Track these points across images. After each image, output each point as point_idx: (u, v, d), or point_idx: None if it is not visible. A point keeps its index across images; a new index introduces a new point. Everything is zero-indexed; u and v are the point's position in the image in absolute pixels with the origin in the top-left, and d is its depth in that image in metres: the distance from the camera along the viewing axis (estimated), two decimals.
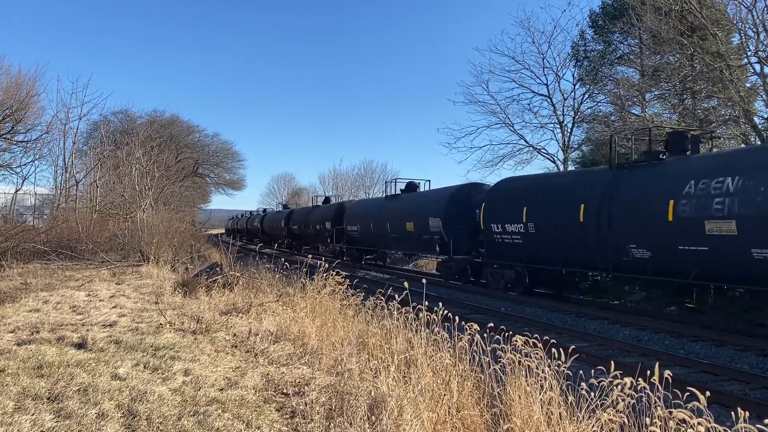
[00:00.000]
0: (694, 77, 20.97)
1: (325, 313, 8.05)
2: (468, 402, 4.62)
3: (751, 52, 19.22)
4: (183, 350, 6.74)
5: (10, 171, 27.12)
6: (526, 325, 11.44)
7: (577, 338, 10.73)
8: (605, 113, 27.91)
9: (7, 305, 9.46)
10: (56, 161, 28.22)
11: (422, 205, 22.09)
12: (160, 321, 8.27)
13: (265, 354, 6.78)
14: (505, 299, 15.99)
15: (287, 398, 5.25)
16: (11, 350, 6.56)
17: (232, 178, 61.61)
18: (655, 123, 22.06)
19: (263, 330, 7.87)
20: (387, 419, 4.14)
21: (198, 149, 54.34)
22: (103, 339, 7.13)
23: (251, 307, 9.36)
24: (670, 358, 8.97)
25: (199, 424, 4.52)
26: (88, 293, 10.94)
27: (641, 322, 12.17)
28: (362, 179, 61.60)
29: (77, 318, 8.64)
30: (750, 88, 20.89)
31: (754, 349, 9.79)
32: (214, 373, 5.95)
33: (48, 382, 5.36)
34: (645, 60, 26.17)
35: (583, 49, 30.40)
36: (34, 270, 14.74)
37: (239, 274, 12.22)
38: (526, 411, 4.15)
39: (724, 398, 6.64)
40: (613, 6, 28.79)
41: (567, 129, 29.81)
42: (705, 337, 10.72)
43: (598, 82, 28.27)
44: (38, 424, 4.34)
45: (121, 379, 5.54)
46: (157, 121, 45.61)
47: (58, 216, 23.04)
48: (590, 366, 5.32)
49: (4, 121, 25.02)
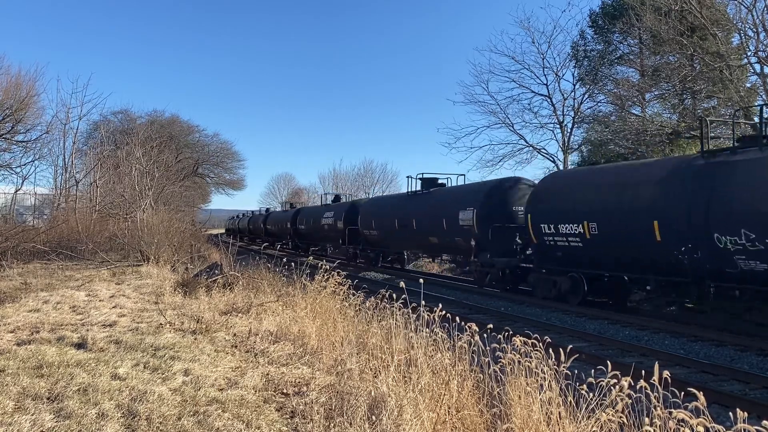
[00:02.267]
0: (694, 77, 20.98)
1: (326, 313, 8.05)
2: (468, 402, 4.62)
3: (751, 52, 19.25)
4: (183, 350, 6.74)
5: (10, 171, 27.14)
6: (525, 325, 11.44)
7: (577, 338, 10.73)
8: (605, 113, 27.91)
9: (7, 305, 9.46)
10: (56, 161, 28.30)
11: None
12: (160, 321, 8.28)
13: (265, 354, 6.78)
14: (510, 300, 15.95)
15: (287, 398, 5.25)
16: (11, 350, 6.57)
17: (232, 178, 61.70)
18: (655, 123, 22.10)
19: (263, 330, 7.87)
20: (387, 419, 4.14)
21: (198, 149, 54.37)
22: (103, 339, 7.14)
23: (251, 307, 9.37)
24: (670, 358, 8.97)
25: (199, 424, 4.52)
26: (88, 293, 10.94)
27: (641, 322, 12.17)
28: (362, 179, 61.65)
29: (77, 318, 8.64)
30: (750, 89, 20.90)
31: (754, 349, 9.78)
32: (214, 373, 5.95)
33: (48, 382, 5.36)
34: (645, 60, 26.17)
35: (583, 49, 30.39)
36: (34, 270, 14.74)
37: (239, 274, 12.23)
38: (526, 411, 4.15)
39: (723, 398, 6.65)
40: (613, 6, 28.77)
41: (567, 129, 29.82)
42: (705, 337, 10.71)
43: (598, 82, 28.26)
44: (38, 424, 4.34)
45: (121, 379, 5.55)
46: (156, 121, 45.66)
47: (58, 216, 23.06)
48: (590, 366, 5.32)
49: (4, 121, 25.01)
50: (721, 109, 21.35)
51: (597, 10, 30.25)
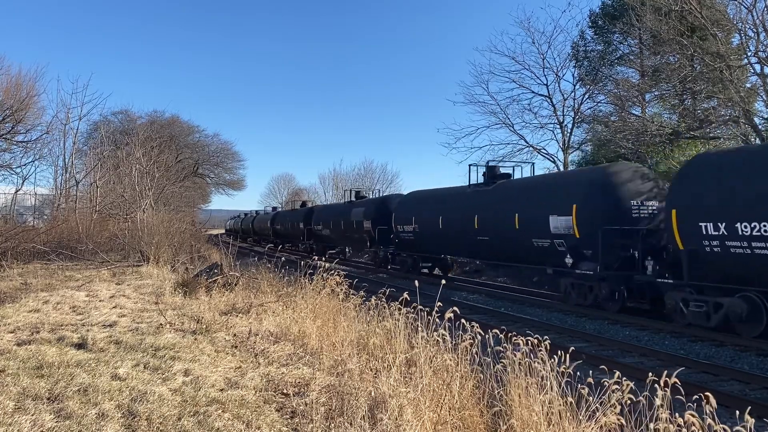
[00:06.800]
0: (694, 77, 20.96)
1: (326, 313, 8.05)
2: (468, 402, 4.62)
3: (751, 53, 19.21)
4: (183, 350, 6.74)
5: (10, 171, 27.19)
6: (525, 325, 11.44)
7: (578, 338, 10.73)
8: (605, 113, 27.90)
9: (7, 305, 9.46)
10: (56, 161, 28.30)
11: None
12: (160, 321, 8.27)
13: (265, 354, 6.78)
14: (506, 299, 15.84)
15: (287, 398, 5.24)
16: (11, 350, 6.56)
17: (232, 178, 61.68)
18: (655, 123, 22.08)
19: (263, 330, 7.87)
20: (387, 419, 4.13)
21: (198, 149, 54.35)
22: (103, 339, 7.13)
23: (251, 307, 9.37)
24: (669, 358, 8.97)
25: (199, 425, 4.52)
26: (88, 293, 10.93)
27: (641, 322, 12.16)
28: (362, 179, 61.56)
29: (77, 318, 8.64)
30: (750, 89, 20.88)
31: (754, 349, 9.78)
32: (214, 373, 5.95)
33: (48, 383, 5.36)
34: (645, 60, 26.17)
35: (583, 49, 30.39)
36: (34, 270, 14.74)
37: (239, 274, 12.22)
38: (527, 411, 4.15)
39: (723, 398, 6.64)
40: (613, 6, 28.78)
41: (567, 129, 29.80)
42: (705, 338, 10.71)
43: (598, 83, 28.25)
44: (38, 424, 4.34)
45: (121, 380, 5.54)
46: (157, 121, 45.66)
47: (58, 216, 23.07)
48: (590, 366, 5.32)
49: (4, 121, 25.03)
50: (721, 110, 21.34)
51: (597, 11, 30.28)
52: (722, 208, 10.43)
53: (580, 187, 14.27)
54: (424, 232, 20.90)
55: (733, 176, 10.55)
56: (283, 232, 42.02)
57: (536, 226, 14.93)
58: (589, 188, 13.93)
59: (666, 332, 11.31)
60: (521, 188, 17.08)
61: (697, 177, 11.33)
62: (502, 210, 16.43)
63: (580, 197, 13.80)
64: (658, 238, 12.96)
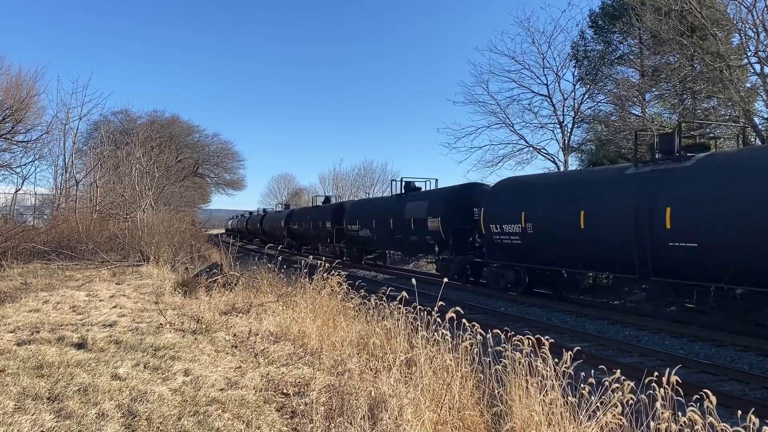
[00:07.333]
0: (694, 77, 20.96)
1: (326, 313, 8.04)
2: (469, 402, 4.61)
3: (751, 53, 19.21)
4: (183, 350, 6.74)
5: (10, 171, 27.17)
6: (526, 325, 11.43)
7: (578, 338, 10.72)
8: (605, 113, 27.89)
9: (7, 305, 9.46)
10: (56, 161, 28.30)
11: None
12: (160, 321, 8.27)
13: (265, 354, 6.78)
14: (506, 299, 15.91)
15: (287, 398, 5.24)
16: (11, 350, 6.56)
17: (232, 178, 61.69)
18: (655, 123, 22.07)
19: (263, 330, 7.87)
20: (387, 419, 4.13)
21: (198, 149, 54.36)
22: (103, 339, 7.13)
23: (251, 307, 9.36)
24: (670, 358, 8.97)
25: (199, 424, 4.52)
26: (88, 293, 10.93)
27: (641, 322, 12.16)
28: (362, 179, 61.48)
29: (77, 318, 8.64)
30: (750, 88, 20.88)
31: (754, 349, 9.78)
32: (214, 373, 5.95)
33: (48, 382, 5.36)
34: (645, 60, 26.15)
35: (583, 49, 30.34)
36: (34, 270, 14.74)
37: (239, 274, 12.22)
38: (527, 411, 4.15)
39: (723, 398, 6.63)
40: (613, 6, 28.75)
41: (567, 129, 29.79)
42: (705, 337, 10.71)
43: (598, 82, 28.23)
44: (38, 424, 4.34)
45: (121, 379, 5.54)
46: (157, 121, 45.65)
47: (58, 216, 23.07)
48: (591, 366, 5.32)
49: (4, 121, 25.03)
50: (721, 110, 21.34)
51: (597, 11, 30.21)
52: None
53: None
54: (541, 234, 15.05)
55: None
56: (301, 232, 36.89)
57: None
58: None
59: (666, 332, 11.31)
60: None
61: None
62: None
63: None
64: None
